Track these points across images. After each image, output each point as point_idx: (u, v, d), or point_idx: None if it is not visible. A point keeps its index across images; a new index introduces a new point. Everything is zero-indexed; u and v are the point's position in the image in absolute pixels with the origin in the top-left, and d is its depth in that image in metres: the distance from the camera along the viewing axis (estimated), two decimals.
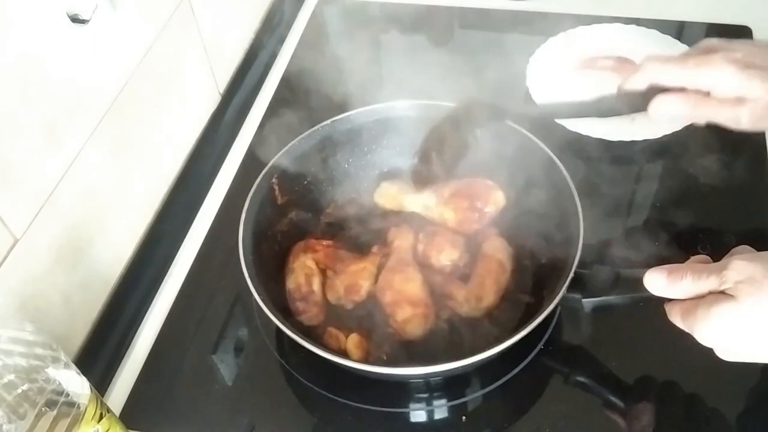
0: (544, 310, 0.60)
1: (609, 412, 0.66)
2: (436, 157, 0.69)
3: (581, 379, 0.68)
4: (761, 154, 0.84)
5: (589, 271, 0.63)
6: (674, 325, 0.54)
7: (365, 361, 0.66)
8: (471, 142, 0.71)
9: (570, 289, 0.62)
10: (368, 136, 0.80)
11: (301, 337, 0.60)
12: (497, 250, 0.72)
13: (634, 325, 0.69)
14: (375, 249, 0.74)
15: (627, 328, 0.70)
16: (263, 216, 0.71)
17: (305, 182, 0.77)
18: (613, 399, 0.66)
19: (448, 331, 0.69)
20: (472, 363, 0.59)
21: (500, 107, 0.70)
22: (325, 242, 0.75)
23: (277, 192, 0.74)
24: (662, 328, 0.56)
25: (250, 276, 0.64)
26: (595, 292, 0.62)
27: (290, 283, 0.71)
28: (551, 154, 0.72)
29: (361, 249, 0.75)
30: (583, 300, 0.63)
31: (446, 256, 0.72)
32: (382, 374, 0.64)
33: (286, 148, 0.75)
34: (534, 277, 0.73)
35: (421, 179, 0.75)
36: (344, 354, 0.66)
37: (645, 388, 0.67)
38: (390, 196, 0.79)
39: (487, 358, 0.59)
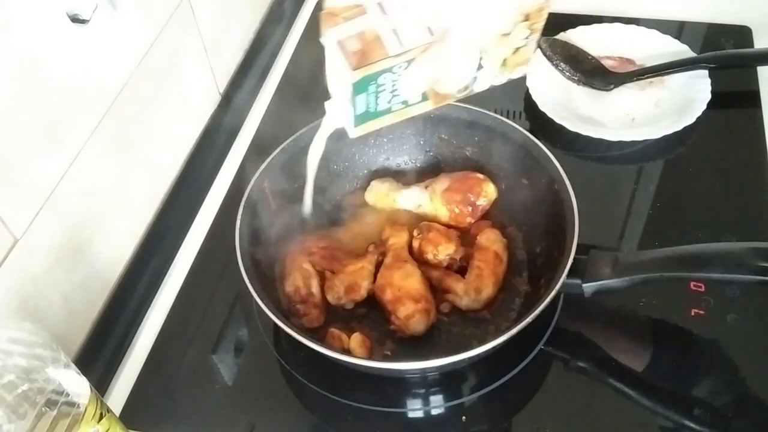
0: (547, 296, 0.61)
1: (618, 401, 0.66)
2: None
3: (595, 367, 0.68)
4: (761, 154, 0.84)
5: (587, 257, 0.64)
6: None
7: (369, 359, 0.66)
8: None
9: (569, 275, 0.62)
10: None
11: (303, 336, 0.60)
12: (493, 242, 0.72)
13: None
14: (371, 248, 0.75)
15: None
16: (258, 222, 0.71)
17: (296, 186, 0.77)
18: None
19: (449, 325, 0.70)
20: (479, 354, 0.59)
21: None
22: (320, 244, 0.75)
23: (269, 198, 0.74)
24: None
25: (250, 280, 0.64)
26: (595, 277, 0.63)
27: (288, 287, 0.71)
28: (542, 146, 0.72)
29: (356, 249, 0.76)
30: (584, 285, 0.63)
31: (442, 250, 0.73)
32: (388, 370, 0.64)
33: (274, 153, 0.75)
34: (530, 267, 0.73)
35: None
36: (348, 353, 0.66)
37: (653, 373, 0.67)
38: (381, 194, 0.79)
39: (493, 348, 0.59)
